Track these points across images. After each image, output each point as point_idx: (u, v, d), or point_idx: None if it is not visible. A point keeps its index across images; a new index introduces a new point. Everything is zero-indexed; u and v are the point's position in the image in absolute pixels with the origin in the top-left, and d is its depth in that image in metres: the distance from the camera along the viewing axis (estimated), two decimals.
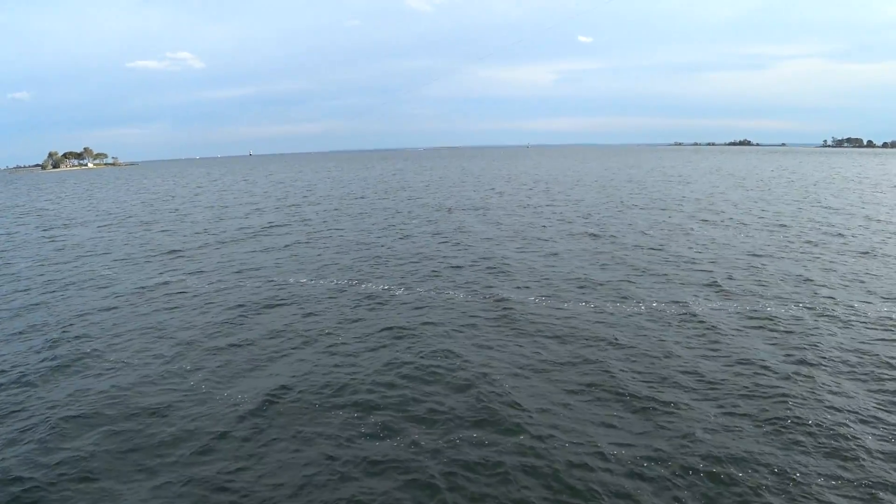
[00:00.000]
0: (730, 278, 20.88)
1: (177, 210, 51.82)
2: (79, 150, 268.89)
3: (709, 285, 19.92)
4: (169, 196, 69.58)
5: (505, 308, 17.81)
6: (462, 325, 16.38)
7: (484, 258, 25.01)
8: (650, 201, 48.19)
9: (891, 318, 16.33)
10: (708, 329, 15.59)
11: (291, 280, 22.22)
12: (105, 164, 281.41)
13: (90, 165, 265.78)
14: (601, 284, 20.39)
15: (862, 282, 20.29)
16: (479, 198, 52.96)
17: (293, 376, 13.31)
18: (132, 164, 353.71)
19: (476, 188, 65.13)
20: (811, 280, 20.61)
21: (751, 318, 16.50)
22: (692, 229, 32.34)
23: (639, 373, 13.01)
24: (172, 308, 19.29)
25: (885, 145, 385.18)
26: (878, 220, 35.00)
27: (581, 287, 20.13)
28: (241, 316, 18.11)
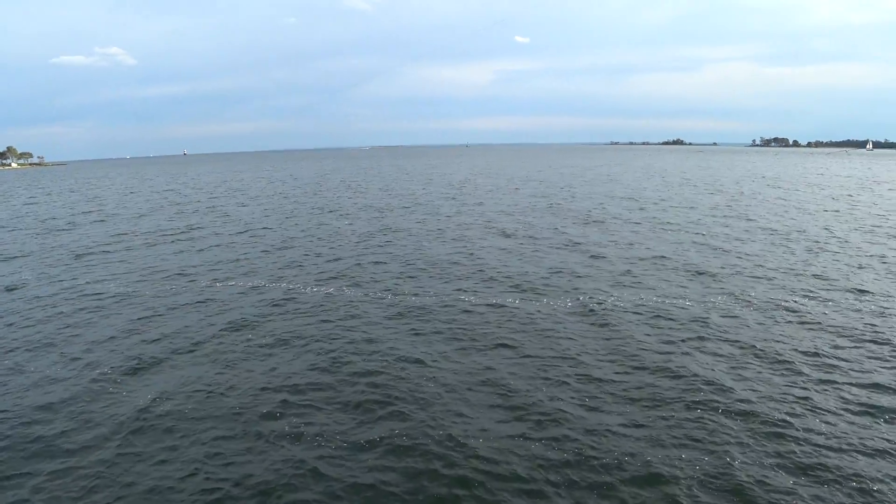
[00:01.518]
0: (629, 273, 21.18)
1: (100, 211, 49.53)
2: (1, 149, 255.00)
3: (613, 282, 20.12)
4: (93, 197, 66.45)
5: (409, 306, 17.55)
6: (360, 324, 16.06)
7: (404, 257, 24.75)
8: (577, 198, 48.77)
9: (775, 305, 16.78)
10: (603, 324, 15.70)
11: (203, 283, 21.50)
12: (30, 164, 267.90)
13: (14, 165, 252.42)
14: (507, 278, 20.38)
15: (756, 277, 20.86)
16: (412, 196, 52.61)
17: (175, 384, 12.71)
18: (60, 163, 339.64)
19: (408, 187, 64.75)
20: (708, 273, 21.07)
21: (649, 310, 16.69)
22: (611, 227, 32.80)
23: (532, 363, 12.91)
24: (72, 312, 18.42)
25: (808, 145, 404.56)
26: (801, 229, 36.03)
27: (486, 280, 20.09)
28: (143, 319, 17.44)
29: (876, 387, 11.82)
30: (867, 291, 18.80)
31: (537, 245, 27.13)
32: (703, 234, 29.70)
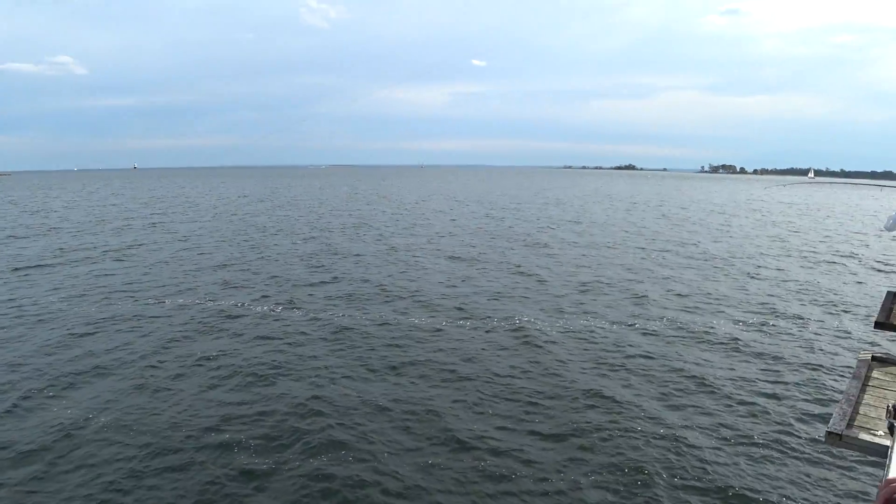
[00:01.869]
0: (558, 296, 21.13)
1: (42, 224, 47.38)
2: None
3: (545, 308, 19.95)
4: (36, 210, 63.59)
5: (343, 327, 17.04)
6: (294, 345, 15.52)
7: (346, 278, 24.27)
8: (524, 220, 49.05)
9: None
10: (537, 346, 15.48)
11: (142, 300, 20.65)
12: None
13: None
14: (444, 299, 20.02)
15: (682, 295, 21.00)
16: (360, 215, 51.99)
17: (99, 404, 12.07)
18: (4, 174, 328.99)
19: (358, 207, 64.05)
20: (647, 297, 21.17)
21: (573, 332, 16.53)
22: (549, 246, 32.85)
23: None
24: (5, 327, 17.55)
25: (755, 172, 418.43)
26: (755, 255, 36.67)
27: (424, 302, 19.71)
28: (76, 336, 16.62)
29: (805, 415, 11.75)
30: (799, 317, 19.06)
31: (480, 267, 26.91)
32: (645, 259, 29.93)
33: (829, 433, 4.79)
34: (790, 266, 28.62)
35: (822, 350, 15.69)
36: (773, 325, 18.00)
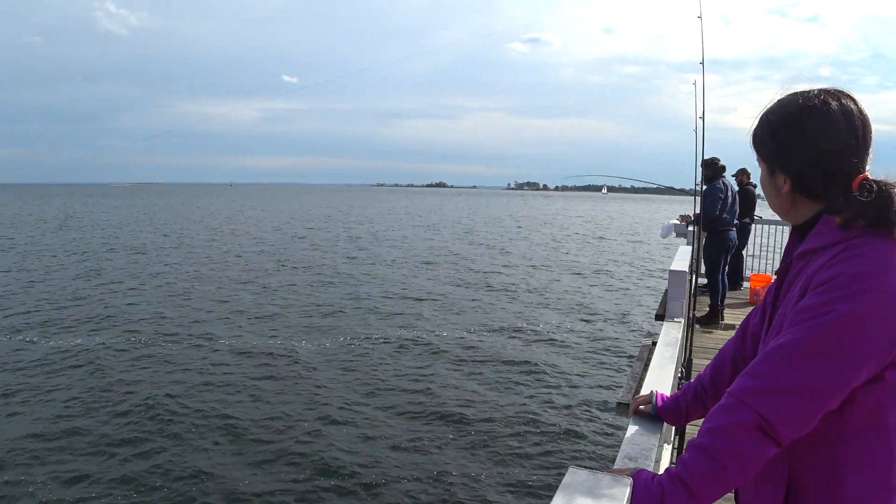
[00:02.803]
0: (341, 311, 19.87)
1: None
2: None
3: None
4: None
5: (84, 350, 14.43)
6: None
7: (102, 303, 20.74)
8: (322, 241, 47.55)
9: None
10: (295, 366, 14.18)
11: None
12: None
13: None
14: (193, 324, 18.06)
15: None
16: (142, 244, 46.40)
17: None
18: None
19: (146, 230, 58.19)
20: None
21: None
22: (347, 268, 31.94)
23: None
24: None
25: (556, 188, 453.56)
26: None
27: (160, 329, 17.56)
28: None
29: (606, 388, 11.77)
30: (596, 314, 19.94)
31: (248, 290, 24.12)
32: (432, 271, 29.03)
33: (618, 403, 5.39)
34: (585, 271, 30.17)
35: (615, 338, 16.73)
36: (572, 323, 18.58)
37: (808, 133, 1.53)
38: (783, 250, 1.80)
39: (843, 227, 1.47)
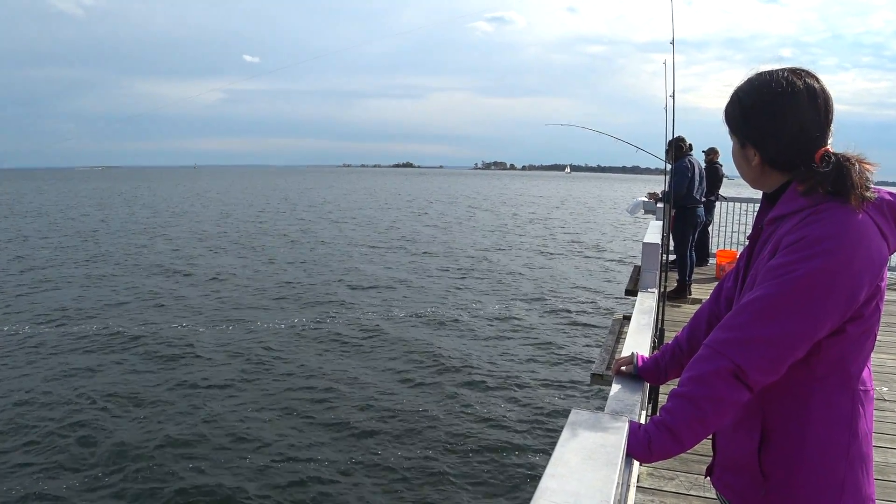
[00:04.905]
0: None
1: None
2: None
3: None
4: None
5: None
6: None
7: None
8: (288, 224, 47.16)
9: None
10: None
11: None
12: None
13: None
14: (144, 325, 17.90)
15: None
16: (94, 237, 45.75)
17: None
18: None
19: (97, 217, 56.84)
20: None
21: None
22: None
23: None
24: None
25: (523, 168, 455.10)
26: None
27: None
28: None
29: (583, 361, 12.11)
30: (571, 290, 20.45)
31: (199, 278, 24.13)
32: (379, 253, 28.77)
33: (592, 374, 5.64)
34: (556, 251, 30.36)
35: (588, 313, 17.36)
36: (549, 299, 19.02)
37: (776, 109, 1.68)
38: (754, 217, 1.97)
39: (806, 195, 1.64)
